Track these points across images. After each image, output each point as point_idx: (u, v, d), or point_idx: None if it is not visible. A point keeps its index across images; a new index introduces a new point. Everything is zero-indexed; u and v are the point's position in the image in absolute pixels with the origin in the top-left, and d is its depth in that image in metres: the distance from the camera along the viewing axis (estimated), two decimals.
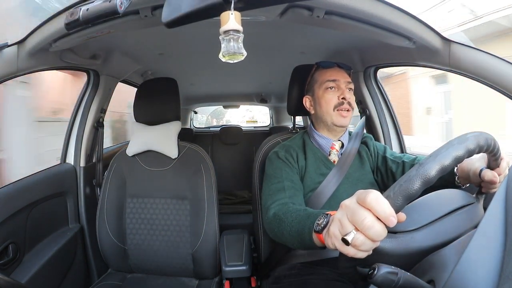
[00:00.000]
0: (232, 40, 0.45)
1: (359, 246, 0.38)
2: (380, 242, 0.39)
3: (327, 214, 0.50)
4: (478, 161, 0.63)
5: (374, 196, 0.38)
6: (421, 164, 0.40)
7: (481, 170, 0.59)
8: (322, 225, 0.49)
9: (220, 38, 0.45)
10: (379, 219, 0.37)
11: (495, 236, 0.37)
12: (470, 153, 0.42)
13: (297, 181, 0.86)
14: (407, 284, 0.38)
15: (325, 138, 0.94)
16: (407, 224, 0.44)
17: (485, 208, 0.42)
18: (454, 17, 5.59)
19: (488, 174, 0.57)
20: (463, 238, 0.42)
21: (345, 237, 0.38)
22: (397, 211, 0.38)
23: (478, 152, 0.44)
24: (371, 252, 0.39)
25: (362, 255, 0.39)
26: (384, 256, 0.42)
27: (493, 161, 0.55)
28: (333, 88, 0.90)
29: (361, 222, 0.37)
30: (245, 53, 0.46)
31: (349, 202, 0.41)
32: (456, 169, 0.70)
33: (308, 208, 0.69)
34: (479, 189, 0.60)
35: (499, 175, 0.56)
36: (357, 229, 0.38)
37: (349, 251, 0.39)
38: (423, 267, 0.43)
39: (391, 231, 0.40)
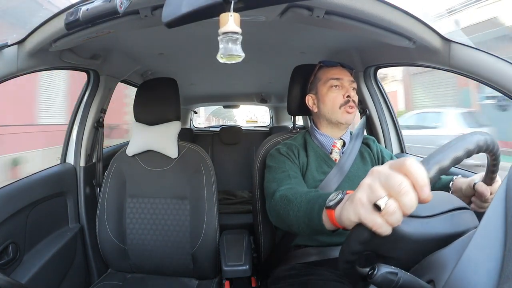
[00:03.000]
0: (230, 41, 0.45)
1: (390, 215, 0.35)
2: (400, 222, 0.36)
3: (343, 191, 0.47)
4: (474, 177, 0.66)
5: (414, 162, 0.35)
6: (448, 144, 0.40)
7: (475, 183, 0.62)
8: (337, 200, 0.45)
9: (218, 39, 0.45)
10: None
11: (495, 236, 0.37)
12: (479, 149, 0.43)
13: (300, 176, 0.86)
14: (407, 284, 0.37)
15: (327, 137, 0.94)
16: (422, 210, 0.43)
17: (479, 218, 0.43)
18: None
19: (482, 186, 0.60)
20: (463, 238, 0.42)
21: (377, 203, 0.35)
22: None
23: (485, 151, 0.45)
24: (390, 231, 0.36)
25: (386, 230, 0.36)
26: (401, 240, 0.41)
27: (489, 180, 0.58)
28: (337, 87, 0.90)
29: (398, 186, 0.34)
30: (243, 55, 0.46)
31: (382, 168, 0.38)
32: (452, 184, 0.72)
33: (320, 190, 0.67)
34: (469, 204, 0.62)
35: (490, 194, 0.59)
36: (389, 196, 0.35)
37: (376, 221, 0.35)
38: (423, 267, 0.43)
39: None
